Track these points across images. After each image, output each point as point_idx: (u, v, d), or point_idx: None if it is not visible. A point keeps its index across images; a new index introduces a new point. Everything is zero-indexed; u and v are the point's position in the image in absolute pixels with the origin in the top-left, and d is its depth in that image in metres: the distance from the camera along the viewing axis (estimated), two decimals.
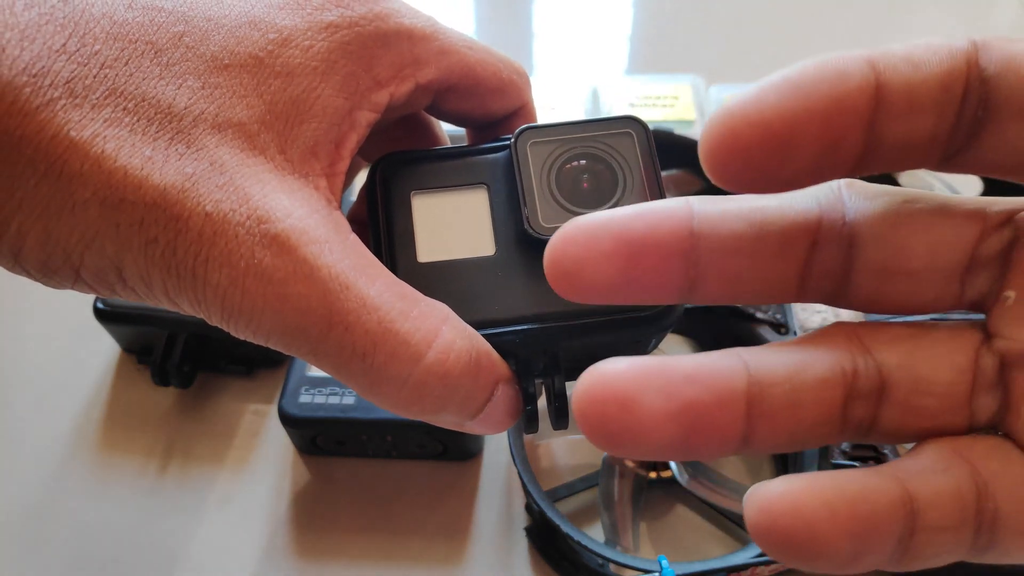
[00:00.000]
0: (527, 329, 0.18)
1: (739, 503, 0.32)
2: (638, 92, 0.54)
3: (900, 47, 0.12)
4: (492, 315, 0.18)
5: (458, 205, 0.19)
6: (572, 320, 0.18)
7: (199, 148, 0.15)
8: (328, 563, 0.33)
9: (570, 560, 0.32)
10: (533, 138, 0.19)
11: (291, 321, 0.15)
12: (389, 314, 0.16)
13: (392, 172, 0.19)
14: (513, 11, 0.65)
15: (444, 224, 0.19)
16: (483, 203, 0.19)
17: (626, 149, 0.19)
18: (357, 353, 0.15)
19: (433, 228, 0.19)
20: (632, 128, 0.19)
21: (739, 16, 0.63)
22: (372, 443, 0.34)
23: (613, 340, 0.18)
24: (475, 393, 0.17)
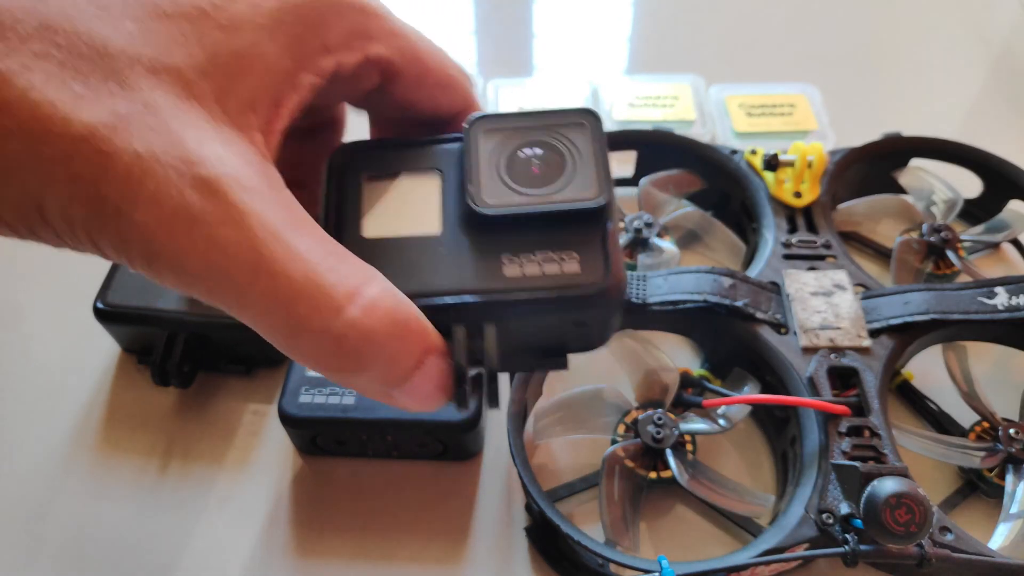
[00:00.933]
0: (462, 301, 0.18)
1: (739, 503, 0.32)
2: (638, 92, 0.54)
3: None
4: (429, 287, 0.18)
5: (409, 188, 0.19)
6: (510, 295, 0.18)
7: (133, 89, 0.15)
8: (328, 563, 0.33)
9: (570, 560, 0.32)
10: (487, 125, 0.19)
11: (216, 265, 0.15)
12: (316, 267, 0.15)
13: (346, 159, 0.20)
14: (513, 11, 0.65)
15: (393, 205, 0.19)
16: (434, 187, 0.19)
17: (578, 138, 0.19)
18: (280, 301, 0.15)
19: (382, 209, 0.19)
20: (586, 119, 0.19)
21: (739, 16, 0.63)
22: (372, 443, 0.34)
23: (554, 322, 0.19)
24: (400, 357, 0.16)
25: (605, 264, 0.18)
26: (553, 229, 0.18)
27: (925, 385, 0.37)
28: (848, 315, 0.35)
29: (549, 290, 0.17)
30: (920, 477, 0.31)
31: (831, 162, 0.42)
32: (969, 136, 0.44)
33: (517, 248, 0.18)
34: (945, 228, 0.41)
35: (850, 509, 0.29)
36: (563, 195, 0.18)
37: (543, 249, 0.18)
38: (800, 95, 0.53)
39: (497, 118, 0.19)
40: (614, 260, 0.18)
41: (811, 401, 0.32)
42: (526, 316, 0.18)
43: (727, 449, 0.36)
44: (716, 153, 0.43)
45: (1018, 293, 0.35)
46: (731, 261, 0.43)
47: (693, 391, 0.36)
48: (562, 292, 0.18)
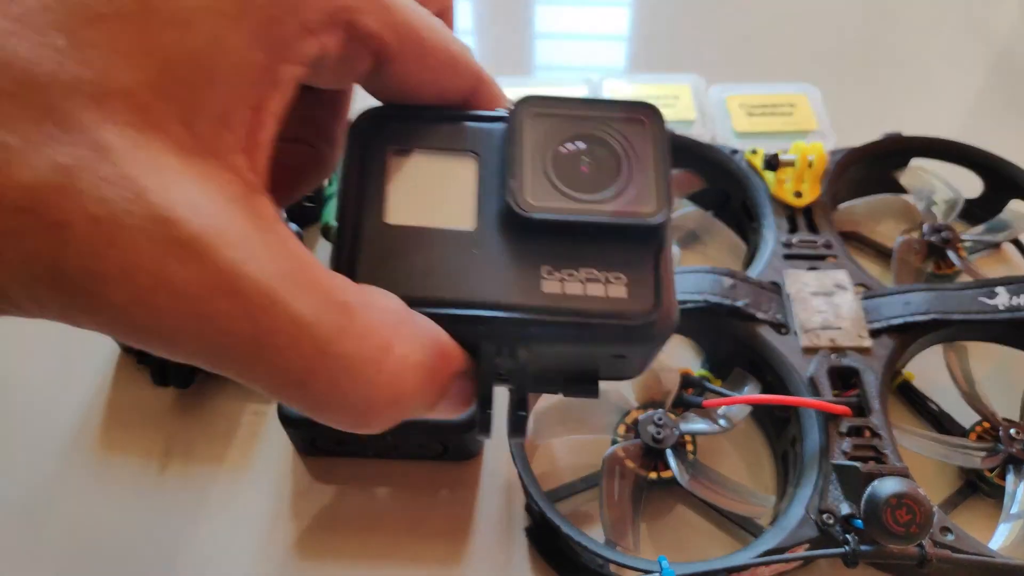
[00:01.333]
0: (493, 316, 0.15)
1: (739, 503, 0.32)
2: (638, 92, 0.54)
3: None
4: (457, 295, 0.15)
5: (442, 170, 0.17)
6: (547, 315, 0.15)
7: (75, 129, 0.12)
8: (328, 563, 0.33)
9: (570, 560, 0.32)
10: (536, 108, 0.17)
11: (214, 342, 0.13)
12: (326, 333, 0.13)
13: (372, 127, 0.17)
14: (513, 11, 0.65)
15: (423, 188, 0.17)
16: (470, 173, 0.17)
17: (636, 137, 0.16)
18: (292, 381, 0.13)
19: (410, 190, 0.16)
20: (646, 115, 0.17)
21: (739, 16, 0.63)
22: (372, 443, 0.34)
23: (590, 351, 0.17)
24: (428, 399, 0.15)
25: (656, 293, 0.16)
26: (601, 243, 0.16)
27: (926, 385, 0.37)
28: (849, 315, 0.35)
29: (590, 316, 0.15)
30: (921, 477, 0.31)
31: (832, 162, 0.42)
32: (970, 136, 0.44)
33: (559, 260, 0.16)
34: (946, 228, 0.41)
35: (851, 509, 0.29)
36: (616, 205, 0.16)
37: (588, 265, 0.16)
38: (801, 95, 0.53)
39: (547, 102, 0.17)
40: (666, 289, 0.16)
41: (812, 401, 0.32)
42: (562, 342, 0.16)
43: (727, 449, 0.36)
44: (716, 153, 0.43)
45: (1019, 293, 0.35)
46: (731, 261, 0.43)
47: (693, 391, 0.36)
48: (604, 320, 0.15)
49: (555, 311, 0.15)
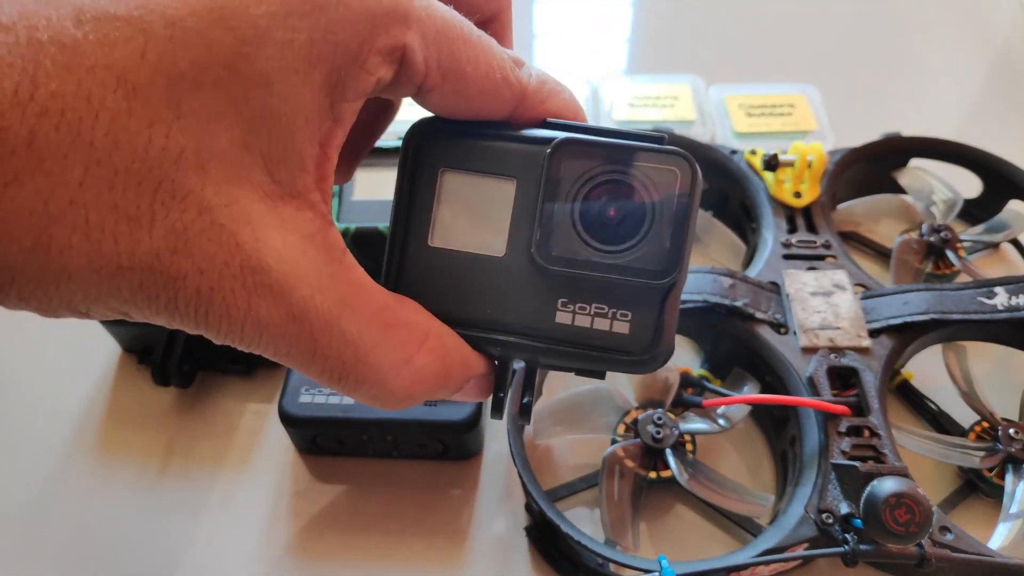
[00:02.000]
0: (511, 341, 0.18)
1: (739, 503, 0.32)
2: (638, 92, 0.54)
3: None
4: (482, 317, 0.18)
5: (483, 193, 0.19)
6: (556, 344, 0.18)
7: (184, 196, 0.14)
8: (327, 562, 0.33)
9: (570, 560, 0.32)
10: (571, 152, 0.18)
11: (282, 351, 0.17)
12: (364, 348, 0.17)
13: (426, 141, 0.19)
14: (514, 12, 0.65)
15: (465, 211, 0.19)
16: (508, 198, 0.18)
17: (666, 187, 0.17)
18: (334, 377, 0.17)
19: (453, 212, 0.19)
20: (679, 166, 0.17)
21: (738, 17, 0.63)
22: (372, 443, 0.34)
23: (594, 370, 0.19)
24: (442, 393, 0.19)
25: (655, 335, 0.18)
26: (614, 285, 0.18)
27: (925, 385, 0.37)
28: (848, 315, 0.35)
29: (593, 348, 0.18)
30: (920, 477, 0.31)
31: (831, 162, 0.42)
32: (969, 136, 0.44)
33: (574, 295, 0.18)
34: (945, 228, 0.41)
35: (850, 509, 0.29)
36: (631, 260, 0.17)
37: (599, 302, 0.18)
38: (800, 95, 0.53)
39: (583, 145, 0.18)
40: (667, 330, 0.18)
41: (811, 401, 0.32)
42: (566, 363, 0.19)
43: (727, 449, 0.36)
44: (716, 153, 0.43)
45: (1018, 293, 0.35)
46: (731, 261, 0.43)
47: (693, 391, 0.36)
48: (603, 354, 0.18)
49: (563, 340, 0.18)
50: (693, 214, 0.17)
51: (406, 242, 0.19)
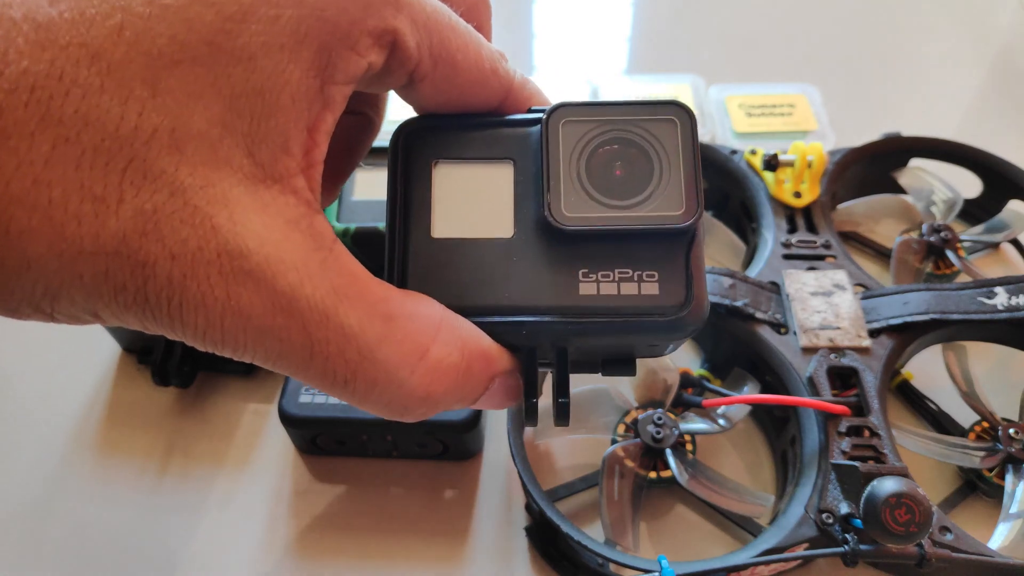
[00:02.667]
0: (535, 321, 0.17)
1: (739, 503, 0.32)
2: (638, 92, 0.54)
3: None
4: (500, 302, 0.17)
5: (481, 179, 0.18)
6: (585, 317, 0.17)
7: (156, 176, 0.13)
8: (328, 563, 0.33)
9: (570, 560, 0.32)
10: (567, 116, 0.17)
11: (273, 350, 0.15)
12: (369, 342, 0.15)
13: (415, 138, 0.18)
14: (514, 11, 0.65)
15: (464, 199, 0.18)
16: (507, 180, 0.18)
17: (667, 138, 0.17)
18: (339, 381, 0.15)
19: (452, 202, 0.18)
20: (676, 115, 0.17)
21: (739, 16, 0.63)
22: (372, 443, 0.34)
23: (626, 342, 0.18)
24: (467, 394, 0.17)
25: (687, 289, 0.17)
26: (634, 244, 0.17)
27: (925, 385, 0.37)
28: (848, 315, 0.35)
29: (625, 315, 0.17)
30: (920, 477, 0.31)
31: (831, 162, 0.42)
32: (969, 136, 0.44)
33: (595, 263, 0.17)
34: (945, 228, 0.41)
35: (850, 509, 0.29)
36: (648, 211, 0.17)
37: (622, 266, 0.17)
38: (800, 95, 0.53)
39: (579, 108, 0.17)
40: (697, 284, 0.17)
41: (811, 401, 0.32)
42: (599, 338, 0.17)
43: (727, 449, 0.36)
44: (716, 153, 0.43)
45: (1018, 293, 0.35)
46: (731, 261, 0.43)
47: (693, 391, 0.36)
48: (639, 319, 0.17)
49: (592, 311, 0.17)
50: (698, 155, 0.17)
51: (407, 237, 0.17)
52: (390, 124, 0.19)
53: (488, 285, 0.17)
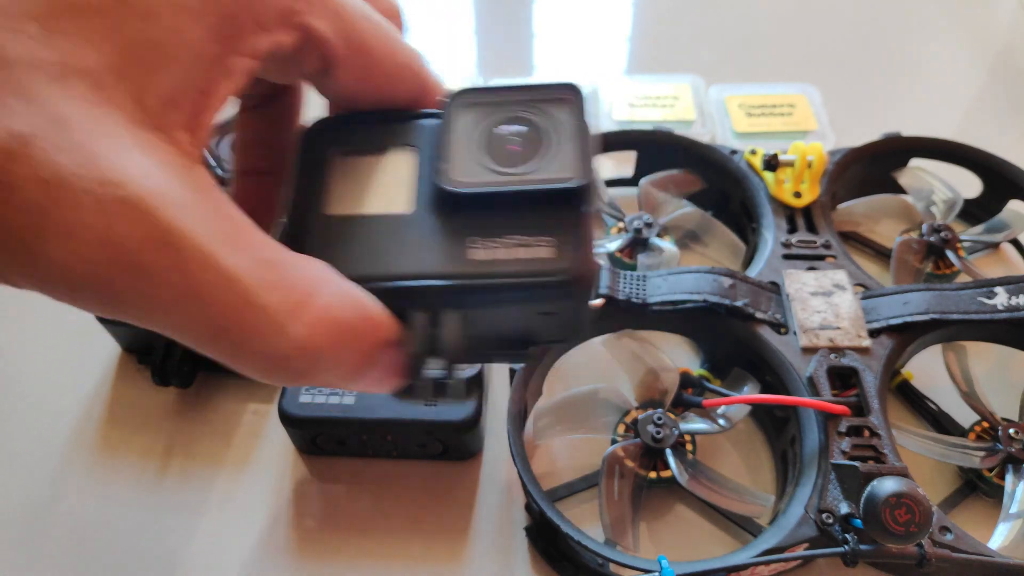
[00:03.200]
0: (421, 285, 0.16)
1: (739, 503, 0.32)
2: (638, 92, 0.54)
3: None
4: (387, 269, 0.17)
5: (381, 165, 0.18)
6: (472, 280, 0.16)
7: (36, 101, 0.13)
8: (328, 563, 0.33)
9: (570, 560, 0.32)
10: (467, 99, 0.18)
11: (146, 294, 0.14)
12: (251, 287, 0.14)
13: (319, 134, 0.19)
14: (514, 12, 0.65)
15: (362, 182, 0.18)
16: (409, 164, 0.18)
17: (561, 114, 0.18)
18: (218, 328, 0.14)
19: (349, 185, 0.18)
20: (569, 94, 0.18)
21: (738, 18, 0.63)
22: (372, 443, 0.34)
23: (519, 311, 0.18)
24: (348, 361, 0.16)
25: (576, 250, 0.17)
26: (528, 211, 0.17)
27: (925, 385, 0.37)
28: (848, 315, 0.35)
29: (515, 276, 0.16)
30: (920, 477, 0.31)
31: (831, 162, 0.42)
32: (969, 136, 0.44)
33: (488, 231, 0.17)
34: (945, 228, 0.41)
35: (850, 509, 0.29)
36: (539, 175, 0.17)
37: (515, 232, 0.17)
38: (800, 95, 0.53)
39: (478, 92, 0.18)
40: (584, 247, 0.17)
41: (811, 401, 0.32)
42: (489, 303, 0.17)
43: (727, 449, 0.36)
44: (716, 153, 0.43)
45: (1018, 293, 0.35)
46: (731, 261, 0.43)
47: (693, 391, 0.36)
48: (528, 279, 0.16)
49: (480, 275, 0.17)
50: (588, 128, 0.18)
51: (303, 216, 0.17)
52: None
53: (379, 255, 0.17)
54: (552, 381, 0.37)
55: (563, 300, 0.17)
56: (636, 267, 0.41)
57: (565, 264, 0.16)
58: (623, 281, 0.35)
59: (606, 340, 0.36)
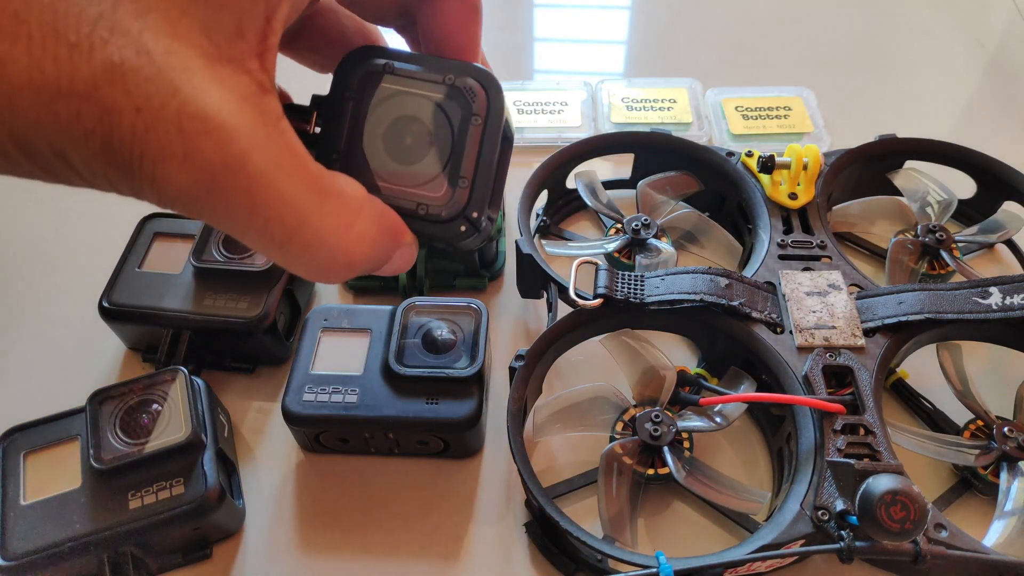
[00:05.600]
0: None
1: (735, 499, 0.33)
2: (636, 95, 0.54)
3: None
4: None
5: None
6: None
7: (123, 33, 0.15)
8: (330, 559, 0.33)
9: (569, 556, 0.32)
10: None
11: (220, 208, 0.16)
12: (306, 210, 0.17)
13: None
14: (515, 15, 0.65)
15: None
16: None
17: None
18: (276, 242, 0.17)
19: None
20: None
21: (734, 22, 0.63)
22: (375, 441, 0.35)
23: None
24: (379, 261, 0.20)
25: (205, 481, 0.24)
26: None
27: (919, 383, 0.38)
28: (843, 315, 0.35)
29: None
30: (915, 475, 0.32)
31: (826, 164, 0.43)
32: (963, 138, 0.44)
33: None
34: (939, 229, 0.42)
35: (845, 506, 0.29)
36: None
37: None
38: (796, 98, 0.54)
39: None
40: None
41: (806, 399, 0.32)
42: None
43: (724, 446, 0.36)
44: (713, 155, 0.44)
45: (1012, 293, 0.35)
46: (727, 262, 0.43)
47: (690, 389, 0.36)
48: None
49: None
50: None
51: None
52: None
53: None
54: (552, 379, 0.37)
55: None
56: (634, 267, 0.41)
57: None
58: (621, 281, 0.35)
59: (605, 339, 0.37)
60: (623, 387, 0.36)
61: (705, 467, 0.33)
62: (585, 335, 0.37)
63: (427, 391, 0.33)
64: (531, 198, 0.42)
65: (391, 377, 0.33)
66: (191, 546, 0.32)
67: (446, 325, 0.34)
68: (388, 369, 0.33)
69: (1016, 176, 0.42)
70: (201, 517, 0.29)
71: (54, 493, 0.29)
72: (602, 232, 0.46)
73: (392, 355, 0.33)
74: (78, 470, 0.30)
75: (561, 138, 0.51)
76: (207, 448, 0.29)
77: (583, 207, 0.46)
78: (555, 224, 0.46)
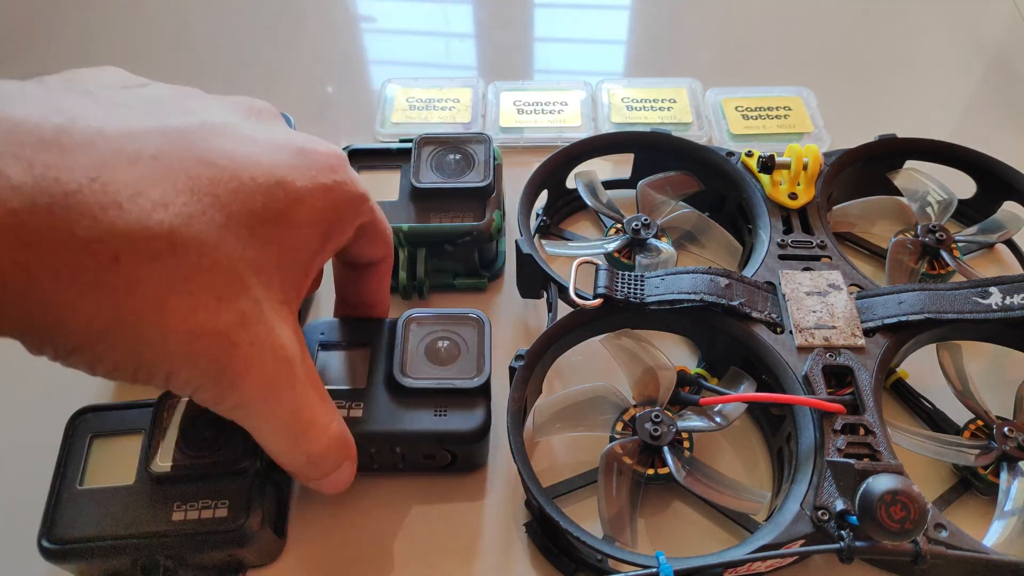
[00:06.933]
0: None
1: (735, 499, 0.33)
2: (636, 95, 0.54)
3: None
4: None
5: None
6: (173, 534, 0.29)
7: (248, 289, 0.22)
8: (332, 571, 0.33)
9: (569, 556, 0.32)
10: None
11: (277, 414, 0.25)
12: (317, 412, 0.26)
13: None
14: (514, 15, 0.65)
15: None
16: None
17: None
18: (297, 432, 0.25)
19: None
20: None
21: (734, 21, 0.63)
22: (380, 456, 0.33)
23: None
24: (333, 462, 0.28)
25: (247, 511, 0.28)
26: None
27: (919, 383, 0.38)
28: (843, 314, 0.35)
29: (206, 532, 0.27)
30: (915, 475, 0.32)
31: (826, 164, 0.43)
32: (963, 137, 0.44)
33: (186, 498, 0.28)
34: (939, 229, 0.42)
35: (845, 506, 0.29)
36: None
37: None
38: (796, 97, 0.54)
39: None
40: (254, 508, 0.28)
41: (806, 399, 0.32)
42: None
43: (724, 446, 0.36)
44: (713, 155, 0.44)
45: (1012, 293, 0.35)
46: (727, 262, 0.43)
47: (690, 389, 0.36)
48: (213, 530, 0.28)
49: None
50: None
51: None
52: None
53: None
54: (552, 379, 0.37)
55: None
56: (634, 267, 0.41)
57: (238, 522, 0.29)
58: (621, 281, 0.35)
59: (604, 339, 0.37)
60: (623, 387, 0.36)
61: (705, 467, 0.33)
62: (585, 335, 0.37)
63: (434, 403, 0.32)
64: (531, 198, 0.42)
65: (396, 390, 0.32)
66: (226, 567, 0.31)
67: (449, 336, 0.34)
68: (393, 381, 0.32)
69: (1016, 176, 0.42)
70: (238, 545, 0.28)
71: (108, 484, 0.29)
72: (602, 232, 0.46)
73: (397, 367, 0.32)
74: (135, 467, 0.29)
75: (561, 138, 0.51)
76: (255, 475, 0.29)
77: (583, 207, 0.46)
78: (555, 224, 0.46)
